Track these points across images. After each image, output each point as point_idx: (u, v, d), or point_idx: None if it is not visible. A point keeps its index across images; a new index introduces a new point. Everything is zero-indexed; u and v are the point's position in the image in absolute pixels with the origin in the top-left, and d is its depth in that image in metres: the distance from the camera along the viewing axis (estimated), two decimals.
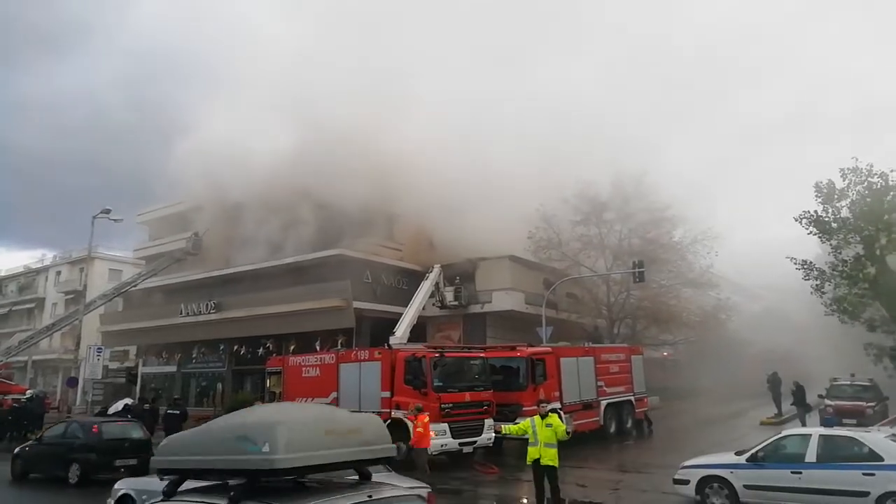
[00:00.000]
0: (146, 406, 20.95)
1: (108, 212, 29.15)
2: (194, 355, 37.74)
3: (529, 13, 41.85)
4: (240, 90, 35.19)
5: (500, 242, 30.75)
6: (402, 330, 24.05)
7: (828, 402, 22.22)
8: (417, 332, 26.74)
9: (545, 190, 29.48)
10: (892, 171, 22.10)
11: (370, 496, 4.39)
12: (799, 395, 22.78)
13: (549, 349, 19.90)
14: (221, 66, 40.81)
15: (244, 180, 32.95)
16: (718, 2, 65.73)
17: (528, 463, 10.80)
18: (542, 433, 10.45)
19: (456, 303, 30.50)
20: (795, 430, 13.12)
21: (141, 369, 41.02)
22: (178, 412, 19.56)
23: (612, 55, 44.97)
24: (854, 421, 19.21)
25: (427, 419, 14.60)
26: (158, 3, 68.06)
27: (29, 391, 35.24)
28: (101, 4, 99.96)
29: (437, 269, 29.10)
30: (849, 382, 23.42)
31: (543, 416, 10.56)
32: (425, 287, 27.71)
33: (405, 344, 21.17)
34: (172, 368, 38.91)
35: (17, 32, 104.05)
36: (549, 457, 10.39)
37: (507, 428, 11.43)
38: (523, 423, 11.03)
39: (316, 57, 34.10)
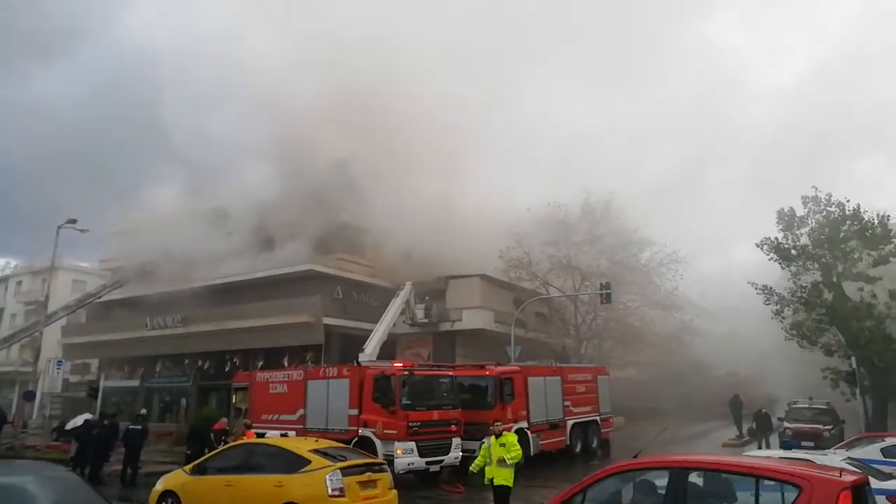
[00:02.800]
0: (106, 421, 20.38)
1: (73, 222, 28.55)
2: (158, 369, 36.96)
3: (505, 34, 42.54)
4: (224, 96, 34.82)
5: (472, 261, 30.98)
6: (371, 347, 23.96)
7: (787, 424, 22.75)
8: (387, 350, 26.66)
9: (517, 210, 29.88)
10: (847, 200, 23.13)
11: None
12: (763, 421, 23.23)
13: (517, 368, 20.05)
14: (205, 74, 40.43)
15: (225, 189, 32.70)
16: (693, 28, 67.84)
17: (486, 482, 10.59)
18: (495, 452, 10.26)
19: (426, 320, 30.50)
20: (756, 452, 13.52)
21: (102, 383, 40.00)
22: (139, 428, 19.06)
23: (584, 80, 45.97)
24: (812, 443, 19.67)
25: (254, 435, 15.32)
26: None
27: None
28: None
29: (408, 286, 29.07)
30: (807, 406, 23.99)
31: (498, 436, 10.38)
32: (396, 304, 27.66)
33: (374, 361, 21.13)
34: (135, 383, 38.03)
35: None
36: (503, 477, 10.14)
37: (474, 466, 10.96)
38: (482, 451, 10.75)
39: (303, 63, 33.93)
